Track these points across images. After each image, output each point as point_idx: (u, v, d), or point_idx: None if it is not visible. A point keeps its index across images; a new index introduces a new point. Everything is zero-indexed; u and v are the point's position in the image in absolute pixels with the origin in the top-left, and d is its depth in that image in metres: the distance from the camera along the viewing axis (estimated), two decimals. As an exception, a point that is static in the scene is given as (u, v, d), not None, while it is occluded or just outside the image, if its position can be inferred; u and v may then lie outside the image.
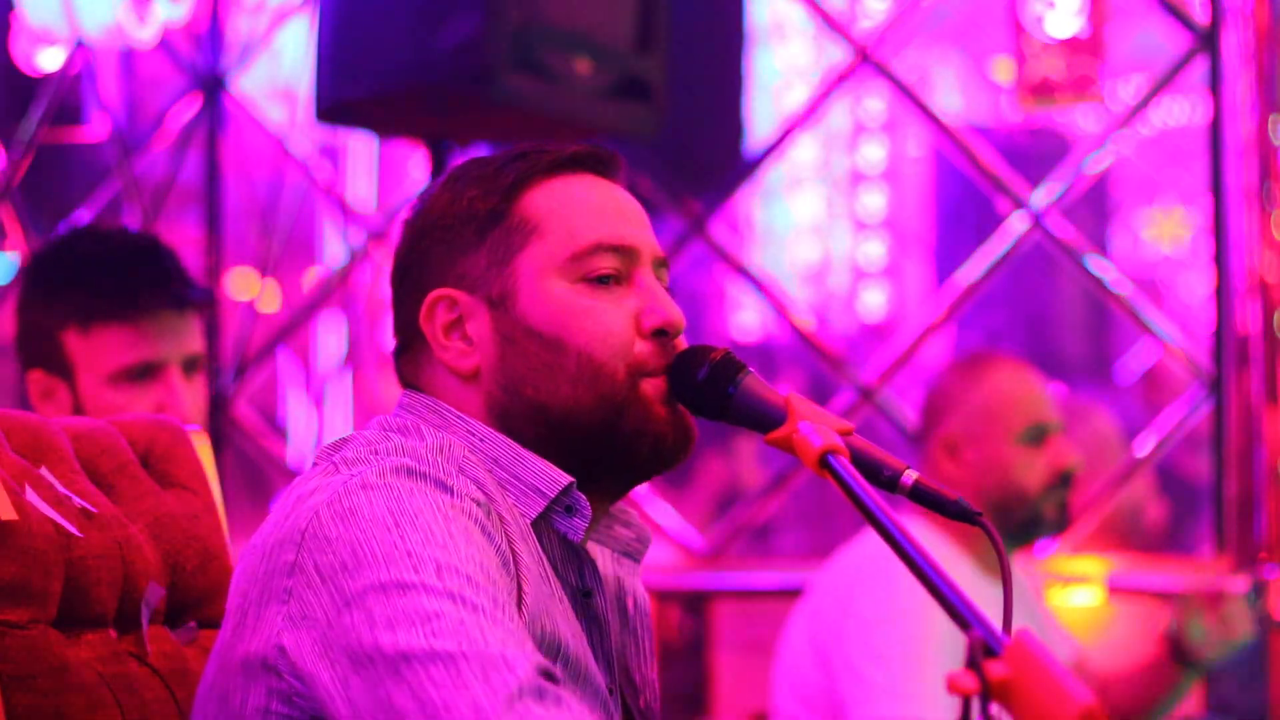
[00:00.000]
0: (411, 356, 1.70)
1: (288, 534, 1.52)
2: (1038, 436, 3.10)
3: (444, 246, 1.67)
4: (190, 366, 2.63)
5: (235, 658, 1.54)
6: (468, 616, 1.42)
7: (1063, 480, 3.11)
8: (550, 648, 1.55)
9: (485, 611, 1.43)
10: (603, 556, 1.75)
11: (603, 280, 1.66)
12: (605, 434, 1.63)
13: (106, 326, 2.57)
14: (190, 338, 2.63)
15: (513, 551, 1.55)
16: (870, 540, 2.91)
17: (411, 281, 1.69)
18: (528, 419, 1.64)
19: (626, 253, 1.67)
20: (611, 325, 1.64)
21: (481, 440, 1.63)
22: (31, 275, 2.69)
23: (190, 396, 2.61)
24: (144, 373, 2.58)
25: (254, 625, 1.52)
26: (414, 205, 1.73)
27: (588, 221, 1.67)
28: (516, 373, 1.64)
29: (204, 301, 2.68)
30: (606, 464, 1.65)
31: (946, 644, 2.75)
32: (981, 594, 2.69)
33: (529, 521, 1.61)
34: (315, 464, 1.63)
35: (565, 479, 1.61)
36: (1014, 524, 3.07)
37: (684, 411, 1.66)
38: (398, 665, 1.40)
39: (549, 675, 1.42)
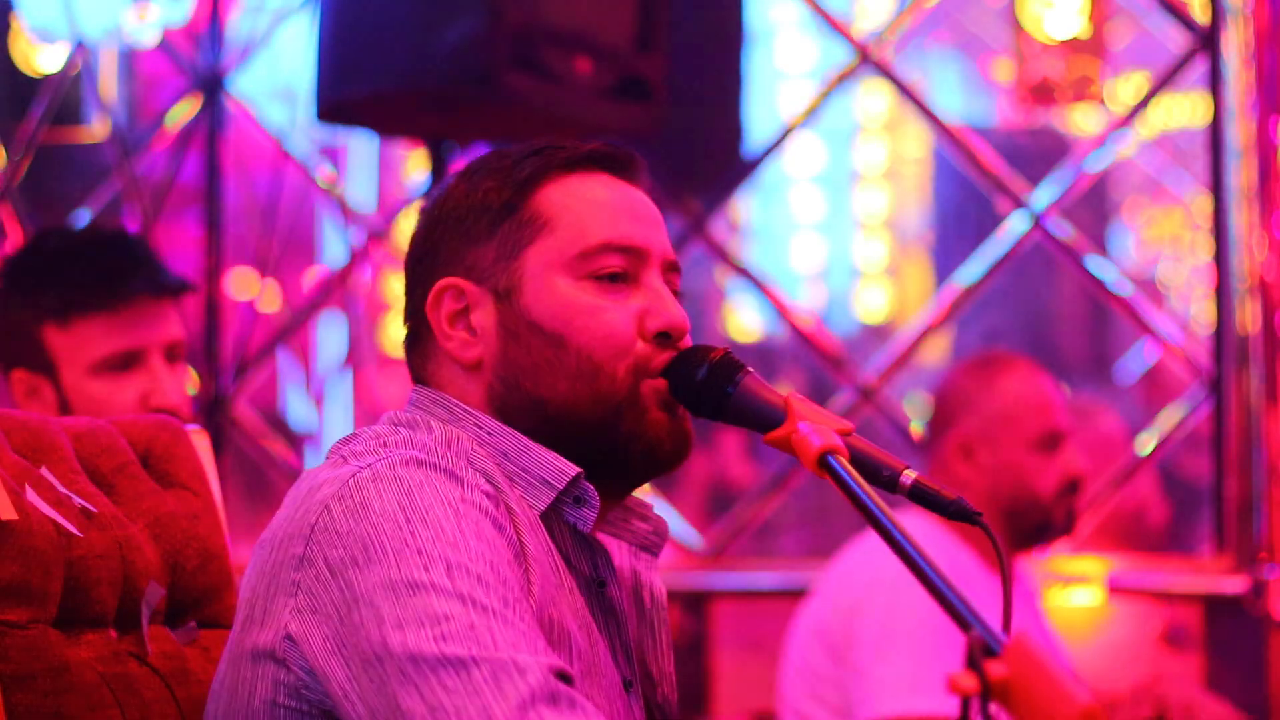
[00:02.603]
0: (419, 346, 1.70)
1: (297, 527, 1.52)
2: (1052, 443, 3.11)
3: (456, 236, 1.67)
4: (171, 353, 2.61)
5: (244, 651, 1.54)
6: (478, 619, 1.41)
7: (1072, 487, 3.12)
8: (558, 638, 1.54)
9: (496, 613, 1.42)
10: (620, 551, 1.75)
11: (611, 279, 1.66)
12: (601, 433, 1.63)
13: (85, 318, 2.56)
14: (169, 324, 2.62)
15: (521, 543, 1.55)
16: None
17: (423, 269, 1.69)
18: (526, 412, 1.64)
19: (635, 253, 1.68)
20: (613, 325, 1.64)
21: (490, 434, 1.63)
22: (5, 276, 2.68)
23: (173, 383, 2.59)
24: (126, 362, 2.57)
25: (262, 618, 1.52)
26: (432, 194, 1.73)
27: (599, 220, 1.67)
28: (516, 366, 1.64)
29: (180, 288, 2.65)
30: (601, 463, 1.65)
31: (955, 640, 2.75)
32: (985, 590, 2.70)
33: (538, 514, 1.61)
34: (326, 458, 1.63)
35: (573, 470, 1.61)
36: (1025, 528, 3.08)
37: (684, 416, 1.66)
38: (407, 668, 1.39)
39: (563, 676, 1.41)
